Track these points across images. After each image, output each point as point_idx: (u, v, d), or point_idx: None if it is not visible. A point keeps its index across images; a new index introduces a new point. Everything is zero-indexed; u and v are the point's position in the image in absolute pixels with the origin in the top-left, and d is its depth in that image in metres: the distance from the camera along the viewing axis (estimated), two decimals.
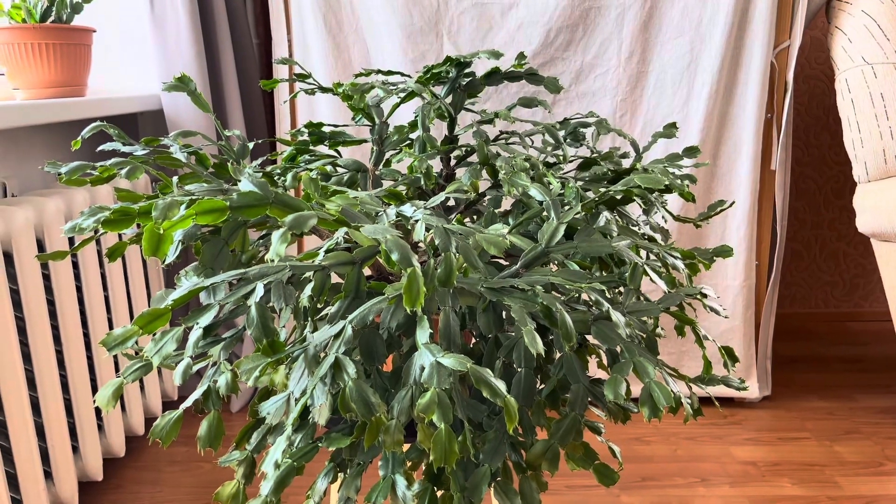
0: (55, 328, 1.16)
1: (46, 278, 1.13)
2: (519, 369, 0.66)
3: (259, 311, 0.58)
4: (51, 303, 1.15)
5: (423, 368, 0.54)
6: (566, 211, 0.73)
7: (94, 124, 0.85)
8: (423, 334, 0.57)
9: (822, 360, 1.84)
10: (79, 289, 1.22)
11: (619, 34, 1.41)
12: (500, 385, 0.53)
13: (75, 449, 1.22)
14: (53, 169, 0.83)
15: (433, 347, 0.55)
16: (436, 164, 0.99)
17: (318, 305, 0.67)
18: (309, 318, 0.64)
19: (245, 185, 0.57)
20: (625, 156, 1.03)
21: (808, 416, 1.53)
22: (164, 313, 0.58)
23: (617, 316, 0.63)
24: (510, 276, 0.71)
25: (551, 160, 1.03)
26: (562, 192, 0.79)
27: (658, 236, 0.97)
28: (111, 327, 1.30)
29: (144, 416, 1.43)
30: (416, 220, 0.69)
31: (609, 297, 0.72)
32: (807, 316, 2.09)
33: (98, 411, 1.28)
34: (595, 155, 1.02)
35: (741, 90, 1.43)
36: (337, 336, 0.58)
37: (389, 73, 0.95)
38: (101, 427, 1.28)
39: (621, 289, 0.75)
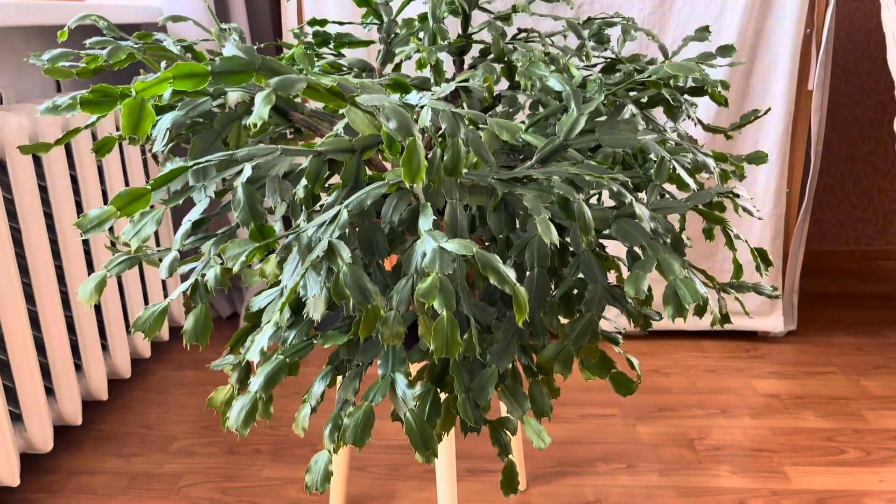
0: (53, 242, 1.12)
1: (43, 190, 1.09)
2: (531, 269, 0.61)
3: (246, 192, 0.53)
4: (48, 215, 1.11)
5: (424, 255, 0.49)
6: (587, 102, 0.66)
7: (82, 14, 0.79)
8: (425, 221, 0.51)
9: (851, 297, 1.77)
10: (78, 204, 1.18)
11: None
12: (510, 272, 0.48)
13: (78, 367, 1.20)
14: (37, 60, 0.77)
15: (436, 233, 0.50)
16: (448, 66, 0.92)
17: (313, 193, 0.62)
18: (303, 208, 0.59)
19: (229, 50, 0.51)
20: (652, 62, 0.95)
21: (835, 351, 1.47)
22: (143, 193, 0.53)
23: (641, 209, 0.58)
24: (525, 171, 0.65)
25: (573, 61, 0.96)
26: (584, 85, 0.72)
27: (686, 144, 0.91)
28: (113, 243, 1.26)
29: (151, 341, 1.40)
30: (422, 106, 0.63)
31: (631, 191, 0.66)
32: (837, 254, 2.01)
33: (103, 331, 1.25)
34: (620, 58, 0.95)
35: (780, 2, 1.33)
36: (332, 221, 0.52)
37: None
38: (105, 347, 1.26)
39: (644, 192, 0.69)
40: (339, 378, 0.62)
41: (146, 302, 1.39)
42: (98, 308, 1.25)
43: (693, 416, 1.24)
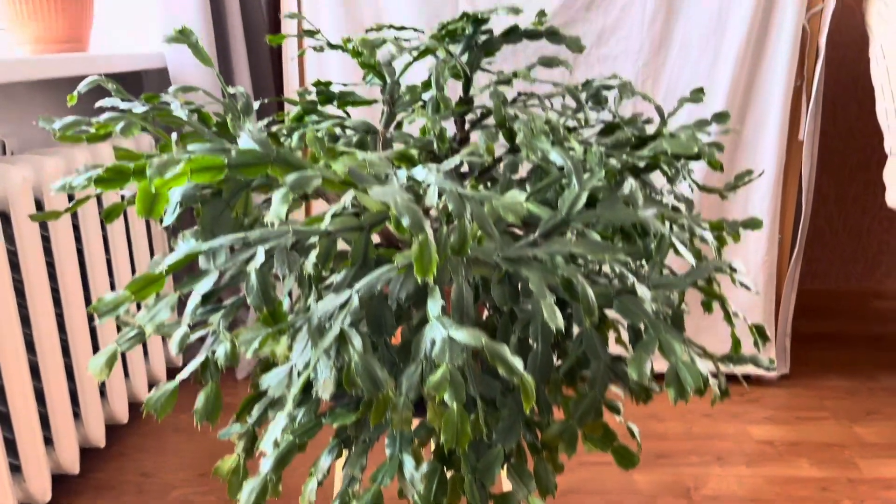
0: (55, 291, 1.13)
1: (46, 240, 1.09)
2: (535, 345, 0.62)
3: (259, 277, 0.54)
4: (50, 265, 1.12)
5: (433, 343, 0.51)
6: (588, 177, 0.68)
7: (91, 78, 0.81)
8: (434, 306, 0.53)
9: (842, 338, 1.79)
10: (80, 251, 1.19)
11: None
12: (517, 362, 0.49)
13: (77, 415, 1.20)
14: (47, 125, 0.78)
15: (445, 320, 0.51)
16: (449, 127, 0.94)
17: (324, 273, 0.63)
18: (313, 287, 0.60)
19: (245, 142, 0.52)
20: (649, 121, 0.98)
21: (828, 394, 1.49)
22: (157, 279, 0.54)
23: (643, 290, 0.59)
24: (528, 246, 0.66)
25: (571, 124, 0.98)
26: (584, 157, 0.74)
27: (682, 206, 0.93)
28: (113, 289, 1.27)
29: (148, 381, 1.40)
30: (429, 184, 0.65)
31: (633, 269, 0.68)
32: (827, 293, 2.04)
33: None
34: (618, 119, 0.97)
35: (770, 55, 1.37)
36: (343, 306, 0.54)
37: (402, 28, 0.90)
38: (103, 393, 1.26)
39: (644, 263, 0.71)
40: (346, 451, 0.63)
41: (144, 347, 1.39)
42: (93, 334, 1.25)
43: (689, 464, 1.25)
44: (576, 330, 0.68)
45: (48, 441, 1.12)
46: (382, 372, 0.51)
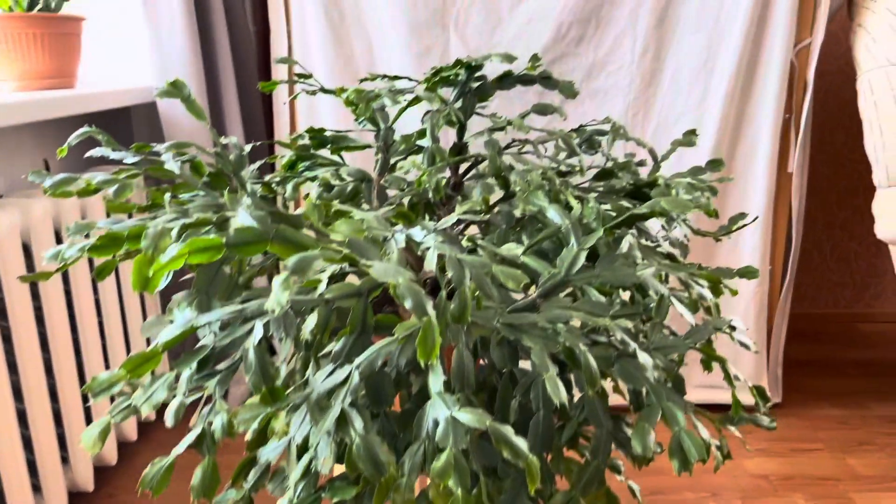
0: (42, 335, 1.11)
1: (34, 284, 1.08)
2: (536, 411, 0.62)
3: (258, 355, 0.53)
4: (38, 309, 1.10)
5: (436, 423, 0.50)
6: (587, 236, 0.68)
7: (82, 130, 0.79)
8: (436, 382, 0.52)
9: (833, 363, 1.80)
10: (68, 293, 1.17)
11: (634, 29, 1.35)
12: (522, 444, 0.49)
13: (65, 459, 1.18)
14: (38, 179, 0.77)
15: (448, 399, 0.51)
16: (444, 173, 0.93)
17: (321, 341, 0.62)
18: (312, 359, 0.59)
19: (243, 219, 0.52)
20: (642, 163, 0.98)
21: (821, 425, 1.49)
22: (152, 356, 0.53)
23: (644, 357, 0.59)
24: (527, 308, 0.66)
25: (564, 168, 0.98)
26: (581, 211, 0.74)
27: (677, 252, 0.92)
28: (102, 333, 1.25)
29: (137, 421, 1.38)
30: (428, 248, 0.64)
31: (633, 332, 0.67)
32: (816, 317, 2.05)
33: (89, 418, 1.24)
34: (611, 163, 0.97)
35: (759, 89, 1.37)
36: (343, 383, 0.53)
37: (396, 77, 0.90)
38: None
39: (643, 316, 0.71)
40: None
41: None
42: (85, 396, 1.24)
43: (685, 501, 1.24)
44: (575, 390, 0.67)
45: (36, 488, 1.10)
46: (384, 453, 0.50)
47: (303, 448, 0.60)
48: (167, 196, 0.70)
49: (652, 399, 0.59)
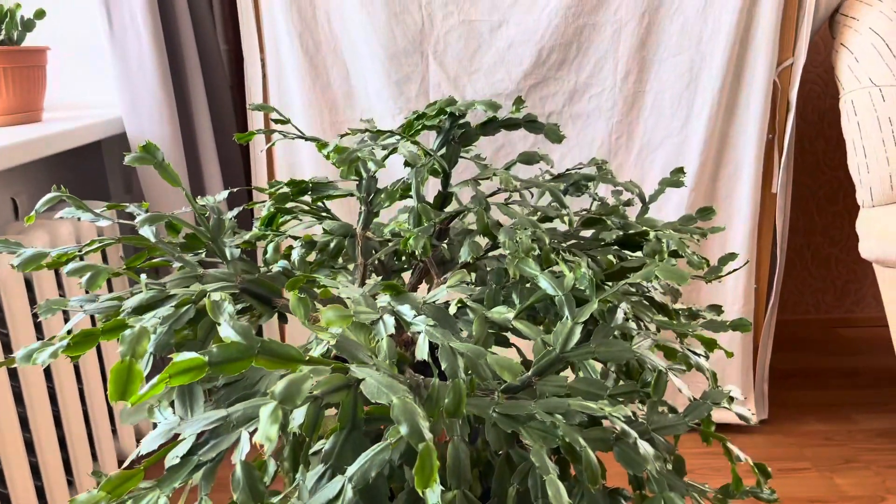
0: (18, 393, 1.07)
1: (7, 347, 1.04)
2: (535, 500, 0.60)
3: (245, 471, 0.51)
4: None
5: None
6: (581, 309, 0.66)
7: (50, 196, 0.76)
8: (433, 496, 0.50)
9: (817, 374, 1.81)
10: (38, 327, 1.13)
11: (615, 52, 1.33)
12: None
13: None
14: (6, 249, 0.74)
15: None
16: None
17: (309, 441, 0.60)
18: (301, 464, 0.57)
19: (226, 332, 0.49)
20: (629, 203, 0.96)
21: (807, 441, 1.50)
22: (134, 475, 0.51)
23: (645, 448, 0.57)
24: (523, 386, 0.64)
25: (551, 213, 0.96)
26: (573, 278, 0.72)
27: (668, 299, 0.91)
28: (82, 397, 1.21)
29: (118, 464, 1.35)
30: (419, 332, 0.62)
31: (633, 416, 0.66)
32: (798, 322, 2.06)
33: (68, 467, 1.20)
34: (598, 203, 0.96)
35: (742, 111, 1.36)
36: (336, 498, 0.51)
37: (379, 133, 0.87)
38: (71, 483, 1.21)
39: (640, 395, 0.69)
40: None
41: (113, 426, 1.34)
42: (63, 443, 1.20)
43: None
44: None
45: None
46: None
47: None
48: (143, 277, 0.67)
49: (653, 487, 0.58)
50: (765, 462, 1.42)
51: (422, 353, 0.60)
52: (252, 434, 0.54)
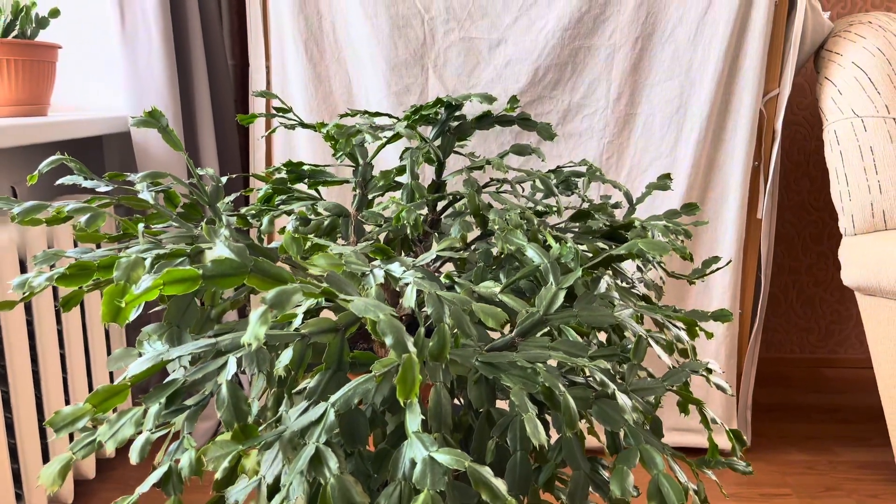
0: (1, 367, 1.07)
1: None
2: (514, 452, 0.61)
3: (231, 390, 0.52)
4: None
5: (413, 463, 0.49)
6: (565, 276, 0.68)
7: (53, 158, 0.78)
8: (413, 421, 0.51)
9: (800, 408, 1.81)
10: (30, 323, 1.14)
11: (609, 75, 1.38)
12: (501, 486, 0.48)
13: (19, 497, 1.13)
14: (5, 206, 0.76)
15: (425, 438, 0.50)
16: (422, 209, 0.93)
17: (295, 377, 0.61)
18: (285, 396, 0.58)
19: (220, 250, 0.51)
20: (617, 205, 0.99)
21: (789, 470, 1.50)
22: (120, 390, 0.51)
23: (623, 399, 0.58)
24: (505, 346, 0.65)
25: (542, 208, 0.99)
26: (559, 251, 0.74)
27: (653, 294, 0.93)
28: (63, 365, 1.21)
29: (96, 457, 1.34)
30: (407, 284, 0.64)
31: (611, 373, 0.67)
32: (783, 361, 2.07)
33: (46, 455, 1.19)
34: (587, 204, 0.98)
35: (730, 137, 1.41)
36: (318, 421, 0.52)
37: (377, 114, 0.90)
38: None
39: (620, 357, 0.70)
40: None
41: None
42: (43, 432, 1.19)
43: None
44: (552, 432, 0.67)
45: None
46: (359, 494, 0.48)
47: (274, 488, 0.59)
48: (140, 226, 0.68)
49: (630, 441, 0.59)
50: (746, 487, 1.42)
51: (409, 301, 0.62)
52: (240, 360, 0.55)
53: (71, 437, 1.25)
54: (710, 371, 0.69)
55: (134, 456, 0.57)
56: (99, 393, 0.50)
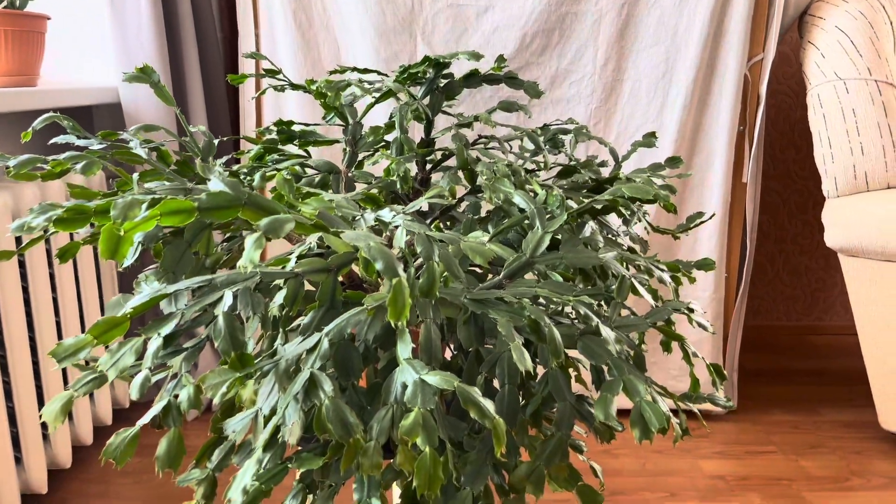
0: None
1: None
2: (501, 386, 0.63)
3: (227, 321, 0.53)
4: None
5: (405, 386, 0.51)
6: (551, 220, 0.70)
7: (46, 115, 0.79)
8: (404, 349, 0.53)
9: (785, 373, 1.85)
10: (25, 289, 1.15)
11: (595, 41, 1.39)
12: (489, 405, 0.50)
13: (18, 460, 1.15)
14: (1, 161, 0.77)
15: (416, 363, 0.52)
16: (411, 168, 0.95)
17: (290, 314, 0.63)
18: (280, 330, 0.60)
19: (215, 185, 0.52)
20: (603, 164, 1.01)
21: (774, 429, 1.53)
22: (121, 322, 0.53)
23: (606, 331, 0.60)
24: (494, 287, 0.67)
25: (529, 166, 1.01)
26: (545, 200, 0.76)
27: (637, 247, 0.95)
28: (59, 331, 1.23)
29: (93, 424, 1.35)
30: (397, 226, 0.65)
31: (596, 311, 0.69)
32: (770, 329, 2.11)
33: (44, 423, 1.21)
34: (574, 163, 1.00)
35: (715, 102, 1.43)
36: (312, 350, 0.53)
37: (365, 70, 0.91)
38: (45, 437, 1.21)
39: (604, 304, 0.72)
40: (309, 497, 0.62)
41: None
42: (40, 396, 1.21)
43: (644, 501, 1.26)
44: (539, 370, 0.69)
45: None
46: (352, 416, 0.50)
47: (270, 420, 0.61)
48: (135, 175, 0.70)
49: (614, 374, 0.61)
50: (732, 445, 1.45)
51: (399, 241, 0.63)
52: (235, 294, 0.57)
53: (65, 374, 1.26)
54: (691, 310, 0.71)
55: (134, 392, 0.59)
56: (99, 324, 0.52)
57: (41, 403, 1.20)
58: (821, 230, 2.02)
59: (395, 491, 0.88)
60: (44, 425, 1.21)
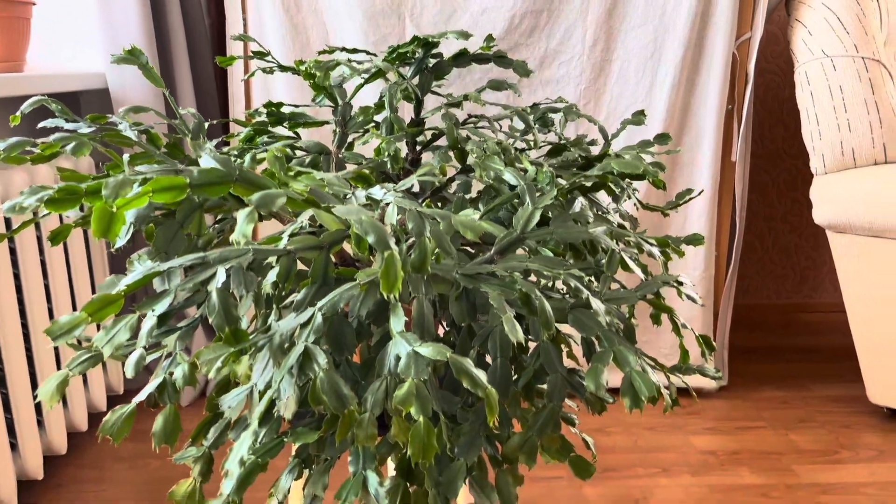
0: None
1: None
2: (494, 360, 0.63)
3: (221, 296, 0.54)
4: None
5: (398, 358, 0.51)
6: (541, 196, 0.70)
7: (34, 98, 0.79)
8: (397, 322, 0.53)
9: (775, 350, 1.87)
10: (16, 276, 1.15)
11: (584, 21, 1.39)
12: (481, 375, 0.50)
13: (13, 446, 1.15)
14: None
15: (409, 336, 0.52)
16: (402, 148, 0.95)
17: (283, 293, 0.63)
18: (274, 307, 0.60)
19: (206, 162, 0.52)
20: (593, 143, 1.01)
21: (764, 405, 1.55)
22: (115, 299, 0.53)
23: (597, 303, 0.61)
24: (485, 263, 0.68)
25: (520, 145, 1.01)
26: (535, 177, 0.76)
27: (627, 224, 0.96)
28: (51, 316, 1.23)
29: (88, 410, 1.36)
30: (388, 203, 0.66)
31: (586, 284, 0.70)
32: (760, 307, 2.12)
33: (38, 406, 1.21)
34: (564, 141, 1.00)
35: (703, 81, 1.43)
36: (305, 324, 0.54)
37: (354, 50, 0.91)
38: (40, 423, 1.21)
39: (594, 278, 0.73)
40: (306, 471, 0.63)
41: (83, 374, 1.35)
42: (34, 382, 1.21)
43: (636, 476, 1.28)
44: (531, 344, 0.70)
45: None
46: (347, 388, 0.51)
47: (265, 394, 0.61)
48: (125, 156, 0.70)
49: (604, 345, 0.62)
50: (722, 421, 1.47)
51: (390, 217, 0.64)
52: (229, 271, 0.57)
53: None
54: (681, 283, 0.72)
55: (129, 370, 0.59)
56: (94, 302, 0.52)
57: (35, 390, 1.21)
58: (809, 208, 2.03)
59: (392, 484, 0.89)
60: (39, 412, 1.21)
